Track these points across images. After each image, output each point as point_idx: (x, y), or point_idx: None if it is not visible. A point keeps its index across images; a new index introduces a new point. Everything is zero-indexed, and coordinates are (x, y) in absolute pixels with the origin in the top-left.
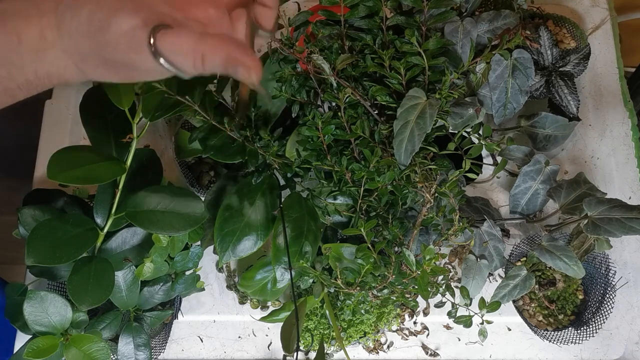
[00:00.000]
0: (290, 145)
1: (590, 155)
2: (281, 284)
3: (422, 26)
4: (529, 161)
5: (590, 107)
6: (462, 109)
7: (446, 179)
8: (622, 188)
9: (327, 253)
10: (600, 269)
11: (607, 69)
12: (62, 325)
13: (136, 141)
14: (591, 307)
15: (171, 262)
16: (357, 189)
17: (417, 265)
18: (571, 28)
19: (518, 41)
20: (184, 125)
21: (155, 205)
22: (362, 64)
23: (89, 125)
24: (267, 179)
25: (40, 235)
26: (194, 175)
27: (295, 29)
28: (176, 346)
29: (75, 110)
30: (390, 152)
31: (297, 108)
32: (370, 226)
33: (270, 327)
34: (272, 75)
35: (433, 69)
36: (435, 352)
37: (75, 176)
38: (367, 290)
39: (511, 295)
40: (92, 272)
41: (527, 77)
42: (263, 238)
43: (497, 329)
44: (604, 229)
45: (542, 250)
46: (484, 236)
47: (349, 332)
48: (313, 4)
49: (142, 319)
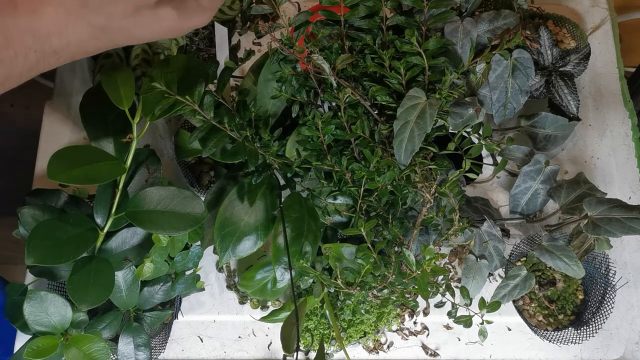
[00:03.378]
0: (290, 145)
1: (590, 155)
2: (281, 284)
3: (422, 26)
4: (529, 161)
5: (590, 107)
6: (462, 109)
7: (446, 179)
8: (622, 188)
9: (327, 253)
10: (600, 269)
11: (607, 69)
12: (62, 325)
13: (136, 141)
14: (591, 307)
15: (171, 262)
16: (357, 189)
17: (417, 265)
18: (571, 28)
19: (518, 41)
20: (184, 125)
21: (155, 205)
22: (362, 64)
23: (89, 125)
24: (267, 179)
25: (40, 235)
26: (194, 175)
27: (295, 29)
28: (176, 346)
29: (75, 110)
30: (390, 152)
31: (297, 108)
32: (370, 226)
33: (270, 327)
34: (272, 75)
35: (433, 69)
36: (435, 352)
37: (75, 176)
38: (367, 290)
39: (511, 295)
40: (92, 272)
41: (527, 77)
42: (263, 238)
43: (497, 329)
44: (604, 229)
45: (542, 250)
46: (484, 236)
47: (349, 332)
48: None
49: (142, 319)
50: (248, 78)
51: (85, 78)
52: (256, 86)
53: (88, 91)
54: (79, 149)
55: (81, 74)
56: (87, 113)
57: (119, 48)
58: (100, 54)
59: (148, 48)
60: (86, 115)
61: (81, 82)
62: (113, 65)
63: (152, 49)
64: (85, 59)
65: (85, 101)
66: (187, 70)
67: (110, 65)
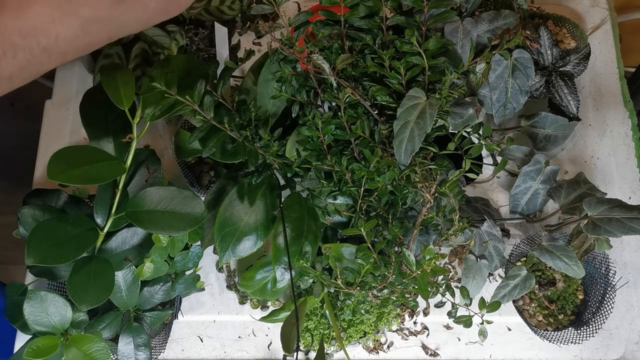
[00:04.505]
0: (290, 145)
1: (590, 155)
2: (281, 284)
3: (422, 26)
4: (529, 161)
5: (590, 107)
6: (462, 109)
7: (446, 179)
8: (622, 188)
9: (327, 253)
10: (600, 269)
11: (607, 69)
12: (62, 325)
13: (136, 141)
14: (591, 307)
15: (171, 262)
16: (357, 189)
17: (417, 265)
18: (571, 28)
19: (518, 41)
20: (184, 125)
21: (155, 205)
22: (362, 64)
23: (89, 125)
24: (267, 179)
25: (40, 235)
26: (194, 175)
27: (295, 29)
28: (176, 346)
29: (75, 110)
30: (390, 152)
31: (297, 108)
32: (370, 226)
33: (270, 327)
34: (272, 75)
35: (433, 69)
36: (435, 352)
37: (75, 176)
38: (367, 290)
39: (511, 295)
40: (92, 272)
41: (527, 77)
42: (263, 238)
43: (497, 329)
44: (604, 229)
45: (542, 250)
46: (484, 236)
47: (349, 332)
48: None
49: (142, 319)
50: (248, 78)
51: (85, 78)
52: (256, 86)
53: (88, 91)
54: (79, 149)
55: (81, 74)
56: (87, 113)
57: (119, 48)
58: (100, 54)
59: (148, 48)
60: (86, 115)
61: (81, 82)
62: (113, 65)
63: (152, 49)
64: (85, 59)
65: (85, 101)
66: (187, 70)
67: (110, 65)
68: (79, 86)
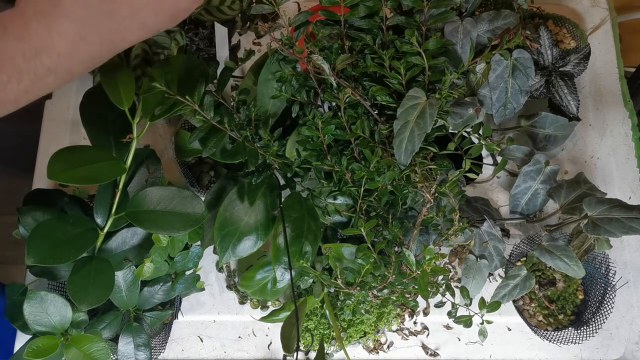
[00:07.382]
0: (290, 145)
1: (590, 155)
2: (281, 284)
3: (422, 26)
4: (529, 161)
5: (590, 107)
6: (462, 109)
7: (446, 179)
8: (622, 188)
9: (327, 253)
10: (600, 269)
11: (607, 69)
12: (62, 325)
13: (136, 141)
14: (591, 307)
15: (171, 262)
16: (357, 189)
17: (417, 265)
18: (571, 28)
19: (518, 41)
20: (184, 125)
21: (155, 205)
22: (362, 64)
23: (89, 125)
24: (267, 179)
25: (40, 235)
26: (194, 175)
27: (295, 29)
28: (176, 346)
29: (75, 110)
30: (390, 152)
31: (297, 108)
32: (370, 226)
33: (270, 327)
34: (272, 75)
35: (433, 69)
36: (435, 352)
37: (75, 176)
38: (367, 290)
39: (511, 295)
40: (92, 272)
41: (527, 77)
42: (263, 238)
43: (497, 329)
44: (604, 229)
45: (542, 250)
46: (484, 236)
47: (349, 332)
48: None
49: (142, 319)
50: (248, 78)
51: (85, 78)
52: (256, 86)
53: (88, 91)
54: (79, 149)
55: None
56: (87, 113)
57: None
58: None
59: (148, 48)
60: (86, 115)
61: (81, 82)
62: (113, 65)
63: (152, 49)
64: None
65: (85, 101)
66: (187, 70)
67: (110, 65)
68: (79, 86)
